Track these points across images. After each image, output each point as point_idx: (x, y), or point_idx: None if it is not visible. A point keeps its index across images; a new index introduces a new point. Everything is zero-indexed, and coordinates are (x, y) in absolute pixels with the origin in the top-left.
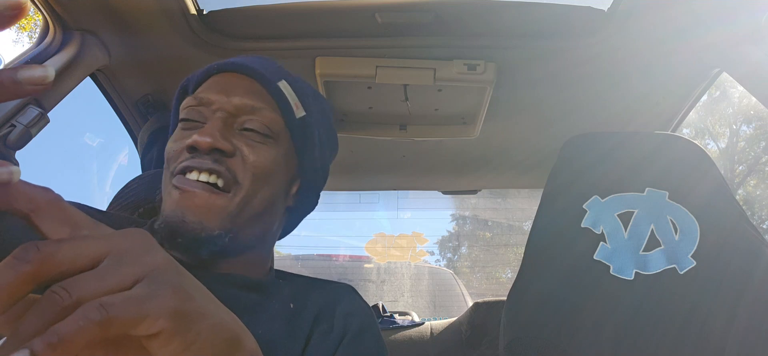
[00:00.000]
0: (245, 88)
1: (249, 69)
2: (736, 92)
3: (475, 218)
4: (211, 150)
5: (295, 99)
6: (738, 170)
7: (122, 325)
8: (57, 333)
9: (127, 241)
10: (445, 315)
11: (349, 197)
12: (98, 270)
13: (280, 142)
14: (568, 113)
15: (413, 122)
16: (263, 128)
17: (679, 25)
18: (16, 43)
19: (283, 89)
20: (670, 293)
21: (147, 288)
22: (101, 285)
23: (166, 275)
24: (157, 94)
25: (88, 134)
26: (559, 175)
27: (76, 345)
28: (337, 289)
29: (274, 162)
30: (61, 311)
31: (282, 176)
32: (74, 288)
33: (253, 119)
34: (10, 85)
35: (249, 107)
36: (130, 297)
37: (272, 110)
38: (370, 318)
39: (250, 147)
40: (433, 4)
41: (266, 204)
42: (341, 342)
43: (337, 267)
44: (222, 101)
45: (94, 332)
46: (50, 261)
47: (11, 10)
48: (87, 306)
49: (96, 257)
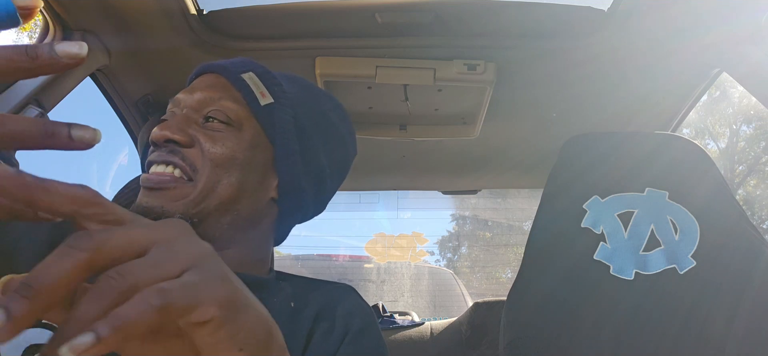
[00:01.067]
0: (209, 83)
1: (215, 67)
2: (736, 91)
3: (475, 218)
4: (166, 141)
5: (261, 88)
6: (738, 170)
7: (179, 312)
8: (120, 316)
9: (171, 230)
10: (445, 315)
11: (349, 197)
12: (149, 257)
13: (244, 130)
14: (568, 113)
15: (413, 122)
16: (222, 116)
17: (679, 25)
18: (17, 44)
19: (247, 79)
20: (670, 293)
21: (196, 275)
22: (155, 271)
23: (212, 264)
24: (157, 94)
25: None
26: (559, 175)
27: (138, 329)
28: (338, 289)
29: (235, 149)
30: (117, 296)
31: (252, 165)
32: (129, 275)
33: (213, 109)
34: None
35: (210, 98)
36: (185, 283)
37: (232, 99)
38: (371, 318)
39: (208, 137)
40: (433, 4)
41: (234, 192)
42: (342, 341)
43: (337, 266)
44: (187, 99)
45: (154, 317)
46: (104, 249)
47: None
48: (147, 292)
49: (145, 246)
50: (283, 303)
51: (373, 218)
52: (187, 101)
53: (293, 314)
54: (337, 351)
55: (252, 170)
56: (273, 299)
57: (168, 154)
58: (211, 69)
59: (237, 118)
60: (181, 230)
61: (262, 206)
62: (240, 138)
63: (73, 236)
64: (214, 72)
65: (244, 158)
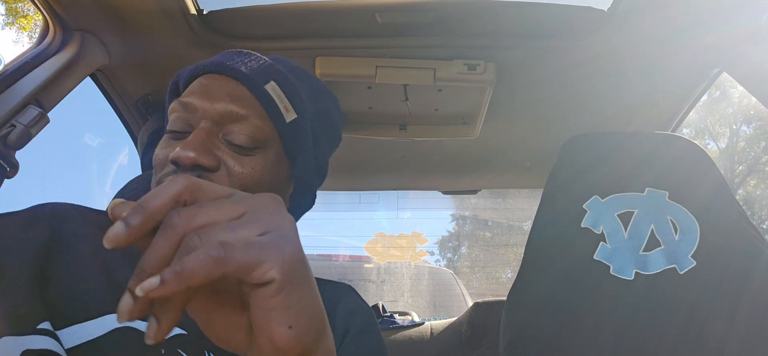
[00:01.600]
0: (230, 92)
1: (235, 71)
2: (736, 91)
3: (475, 218)
4: (194, 166)
5: (285, 102)
6: (738, 170)
7: (237, 267)
8: (182, 263)
9: (262, 201)
10: (445, 315)
11: (349, 197)
12: (231, 223)
13: (268, 149)
14: (568, 113)
15: (413, 122)
16: (249, 140)
17: (679, 25)
18: (16, 43)
19: (271, 91)
20: (670, 293)
21: (266, 238)
22: (231, 233)
23: (290, 233)
24: (157, 94)
25: (88, 134)
26: (559, 175)
27: (197, 278)
28: (338, 289)
29: (262, 171)
30: (190, 249)
31: (273, 182)
32: (206, 236)
33: (239, 130)
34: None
35: (234, 114)
36: (250, 242)
37: (259, 116)
38: (371, 318)
39: (235, 159)
40: (433, 4)
41: None
42: (343, 341)
43: (337, 266)
44: (206, 107)
45: (212, 267)
46: (192, 223)
47: None
48: (209, 244)
49: (234, 215)
50: None
51: (373, 218)
52: (206, 111)
53: None
54: (337, 351)
55: (273, 188)
56: None
57: None
58: (228, 72)
59: (263, 137)
60: (271, 202)
61: None
62: (265, 158)
63: (169, 216)
64: (233, 77)
65: (269, 179)
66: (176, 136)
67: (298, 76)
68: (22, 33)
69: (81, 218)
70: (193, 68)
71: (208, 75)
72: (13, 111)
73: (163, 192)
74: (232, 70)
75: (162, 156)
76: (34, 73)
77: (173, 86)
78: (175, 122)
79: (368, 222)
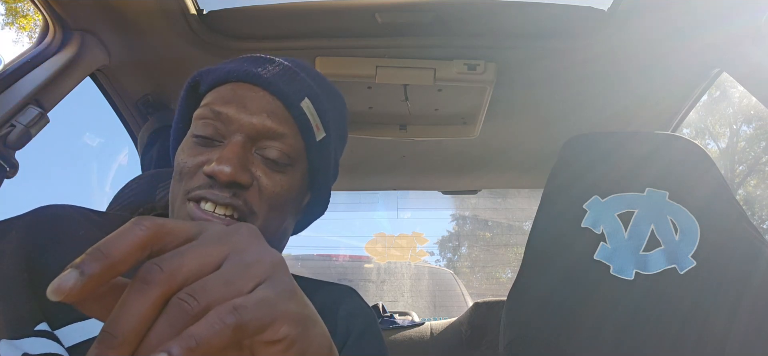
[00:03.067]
0: (267, 108)
1: (273, 86)
2: (736, 91)
3: (475, 218)
4: (231, 183)
5: (317, 120)
6: (738, 170)
7: (253, 330)
8: (194, 336)
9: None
10: (445, 315)
11: (349, 197)
12: (223, 272)
13: (297, 166)
14: (568, 113)
15: (413, 122)
16: (283, 157)
17: (679, 25)
18: (16, 43)
19: (306, 110)
20: (670, 293)
21: (270, 290)
22: (228, 289)
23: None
24: (157, 94)
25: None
26: (559, 175)
27: (213, 349)
28: (339, 290)
29: (291, 189)
30: (191, 319)
31: (297, 199)
32: (202, 295)
33: (274, 148)
34: None
35: (271, 132)
36: (259, 300)
37: (294, 135)
38: (372, 320)
39: (267, 176)
40: (433, 4)
41: (281, 230)
42: (345, 343)
43: (337, 266)
44: (242, 120)
45: (228, 336)
46: (177, 277)
47: None
48: (221, 310)
49: (218, 261)
50: None
51: (373, 218)
52: (242, 124)
53: None
54: (339, 353)
55: (296, 204)
56: None
57: (232, 197)
58: (267, 87)
59: (295, 155)
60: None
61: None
62: (294, 176)
63: (143, 270)
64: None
65: (296, 196)
66: (205, 142)
67: (319, 85)
68: (22, 33)
69: (81, 219)
70: (223, 73)
71: (241, 84)
72: (13, 111)
73: (125, 237)
74: (270, 84)
75: (192, 164)
76: (34, 73)
77: (191, 86)
78: (204, 127)
79: (368, 222)
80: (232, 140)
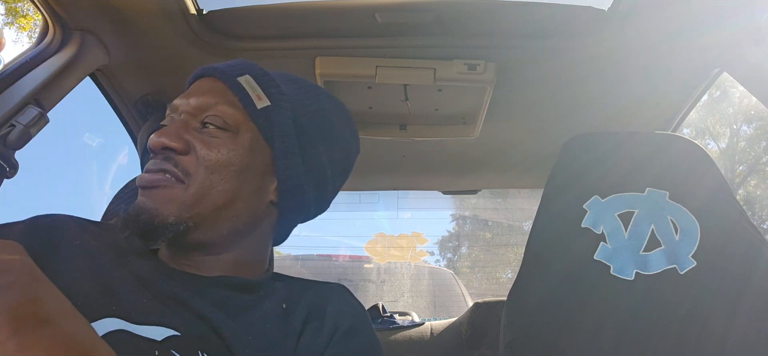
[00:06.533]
0: (205, 88)
1: (212, 70)
2: (737, 91)
3: (475, 218)
4: (162, 149)
5: (258, 91)
6: (738, 170)
7: None
8: None
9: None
10: (445, 315)
11: (349, 197)
12: None
13: (241, 134)
14: (568, 113)
15: (413, 122)
16: (219, 121)
17: (679, 25)
18: (16, 43)
19: (244, 83)
20: (670, 293)
21: None
22: None
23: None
24: (157, 94)
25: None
26: (559, 175)
27: None
28: (329, 289)
29: (231, 154)
30: None
31: (250, 170)
32: None
33: (209, 114)
34: None
35: (206, 104)
36: None
37: (229, 104)
38: (362, 317)
39: (204, 142)
40: (433, 4)
41: (229, 197)
42: (331, 339)
43: (337, 266)
44: (183, 104)
45: None
46: None
47: None
48: None
49: None
50: (275, 305)
51: (373, 218)
52: (184, 107)
53: (285, 315)
54: (325, 349)
55: (249, 175)
56: (265, 301)
57: (162, 161)
58: (208, 73)
59: (234, 122)
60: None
61: (261, 209)
62: (237, 143)
63: None
64: (211, 76)
65: (241, 163)
66: None
67: (287, 78)
68: (22, 33)
69: (77, 229)
70: (189, 79)
71: (196, 81)
72: (12, 111)
73: None
74: (210, 70)
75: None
76: (34, 73)
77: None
78: (166, 120)
79: (368, 222)
80: (176, 121)
